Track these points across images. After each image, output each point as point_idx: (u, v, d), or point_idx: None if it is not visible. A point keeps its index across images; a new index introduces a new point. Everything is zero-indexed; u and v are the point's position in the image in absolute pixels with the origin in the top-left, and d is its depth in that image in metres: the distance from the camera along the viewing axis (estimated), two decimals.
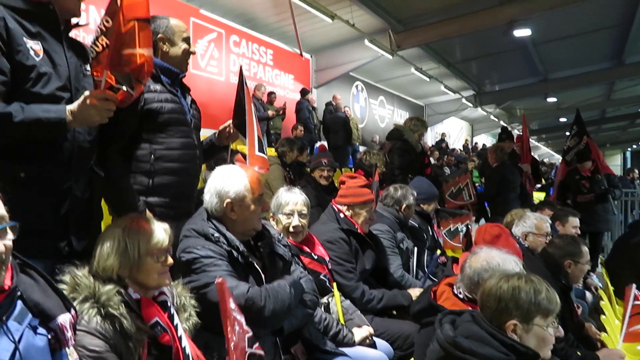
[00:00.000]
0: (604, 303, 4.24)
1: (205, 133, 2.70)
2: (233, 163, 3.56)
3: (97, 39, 1.75)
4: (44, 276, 1.29)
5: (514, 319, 1.71)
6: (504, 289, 1.75)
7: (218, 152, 2.79)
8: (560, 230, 4.29)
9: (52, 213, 1.79)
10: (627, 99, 21.21)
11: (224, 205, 2.09)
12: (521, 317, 1.71)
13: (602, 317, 3.84)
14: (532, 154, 7.26)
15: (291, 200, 2.72)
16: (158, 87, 2.23)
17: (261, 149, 2.55)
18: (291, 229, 2.70)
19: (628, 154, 47.10)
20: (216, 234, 2.04)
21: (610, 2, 10.24)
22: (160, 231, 1.69)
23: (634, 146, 46.25)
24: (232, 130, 2.63)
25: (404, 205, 3.71)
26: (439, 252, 4.10)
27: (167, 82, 2.29)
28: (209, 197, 2.15)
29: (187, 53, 2.41)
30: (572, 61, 14.86)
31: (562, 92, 18.19)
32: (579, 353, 2.68)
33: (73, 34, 1.97)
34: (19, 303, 1.20)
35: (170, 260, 1.70)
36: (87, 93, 1.67)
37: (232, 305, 1.47)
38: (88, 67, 1.94)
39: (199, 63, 8.89)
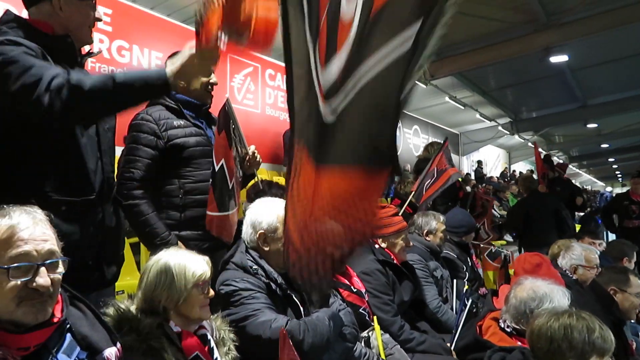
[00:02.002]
0: None
1: None
2: (276, 195, 3.61)
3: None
4: (92, 309, 1.31)
5: None
6: (555, 328, 1.66)
7: (245, 181, 2.75)
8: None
9: (91, 244, 1.80)
10: None
11: (257, 236, 2.11)
12: (576, 358, 1.63)
13: None
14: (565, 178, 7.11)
15: None
16: (182, 122, 2.28)
17: (222, 205, 2.28)
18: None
19: None
20: (254, 266, 2.05)
21: None
22: (203, 263, 1.71)
23: None
24: (251, 158, 2.57)
25: (425, 231, 3.64)
26: (466, 286, 3.95)
27: (190, 115, 2.33)
28: (245, 229, 2.17)
29: (206, 85, 2.42)
30: (612, 86, 14.49)
31: (603, 118, 17.70)
32: None
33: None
34: (68, 336, 1.22)
35: (211, 292, 1.72)
36: (190, 50, 1.54)
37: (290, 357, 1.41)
38: None
39: (236, 97, 9.11)
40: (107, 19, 6.77)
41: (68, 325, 1.22)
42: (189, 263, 1.67)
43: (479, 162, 18.00)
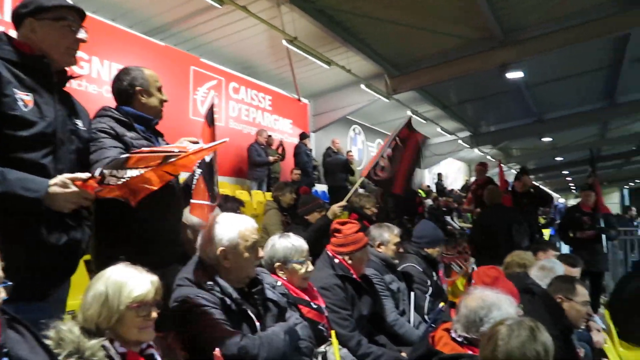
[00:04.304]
0: (607, 346, 4.16)
1: None
2: (232, 209, 3.59)
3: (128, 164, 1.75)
4: (32, 331, 1.28)
5: None
6: (513, 346, 1.72)
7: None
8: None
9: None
10: (622, 138, 21.48)
11: (218, 252, 2.10)
12: None
13: None
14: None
15: (303, 247, 2.72)
16: (133, 134, 2.26)
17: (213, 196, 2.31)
18: (306, 276, 2.70)
19: (626, 192, 47.23)
20: (209, 282, 2.04)
21: (599, 44, 10.52)
22: (146, 283, 1.64)
23: (631, 184, 46.40)
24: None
25: (378, 243, 3.65)
26: (442, 304, 4.00)
27: (141, 129, 2.31)
28: (204, 245, 2.16)
29: (162, 102, 2.44)
30: (566, 102, 15.12)
31: (557, 132, 18.41)
32: None
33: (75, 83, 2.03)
34: None
35: (154, 314, 1.65)
36: (72, 180, 1.66)
37: None
38: (77, 122, 2.01)
39: (199, 109, 9.05)
40: None
41: (5, 350, 1.19)
42: (129, 282, 1.61)
43: (439, 175, 18.38)
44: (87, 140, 2.07)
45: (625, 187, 46.77)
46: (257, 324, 2.08)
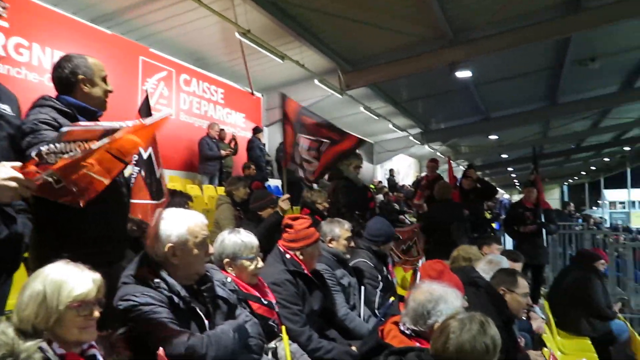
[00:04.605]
0: (546, 335, 4.36)
1: None
2: (179, 204, 3.51)
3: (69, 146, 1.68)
4: None
5: None
6: (464, 339, 1.78)
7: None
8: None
9: None
10: (562, 137, 22.57)
11: (166, 249, 2.04)
12: None
13: (544, 349, 3.95)
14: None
15: (253, 243, 2.69)
16: None
17: (153, 193, 2.24)
18: (256, 272, 2.67)
19: (565, 188, 49.79)
20: (156, 280, 1.98)
21: (543, 46, 10.99)
22: (87, 281, 1.58)
23: (570, 180, 49.01)
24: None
25: (329, 238, 3.67)
26: (392, 298, 4.06)
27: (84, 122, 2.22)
28: (150, 241, 2.10)
29: (106, 92, 2.34)
30: (511, 101, 15.71)
31: (503, 130, 19.11)
32: None
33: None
34: None
35: (95, 314, 1.59)
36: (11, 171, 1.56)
37: None
38: (4, 107, 1.90)
39: (148, 102, 8.79)
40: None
41: None
42: (69, 281, 1.55)
43: (391, 171, 18.70)
44: (18, 126, 1.96)
45: (565, 183, 49.37)
46: (206, 322, 2.05)
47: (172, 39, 8.95)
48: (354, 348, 3.01)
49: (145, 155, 2.19)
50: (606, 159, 36.17)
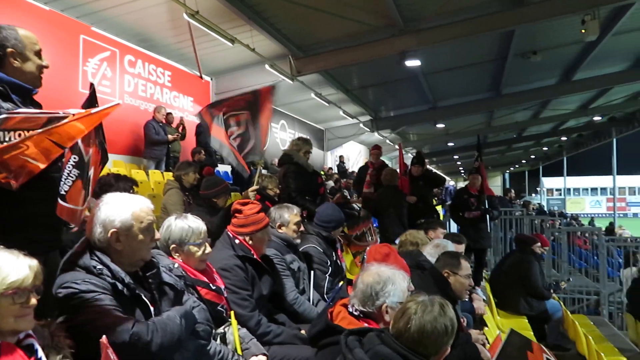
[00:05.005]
0: (487, 315, 4.56)
1: None
2: (125, 189, 3.40)
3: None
4: None
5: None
6: (426, 320, 1.85)
7: None
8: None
9: None
10: (505, 126, 23.48)
11: (109, 235, 1.97)
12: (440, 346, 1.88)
13: (485, 328, 4.13)
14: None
15: (200, 228, 2.64)
16: (9, 105, 2.04)
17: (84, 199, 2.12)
18: (204, 258, 2.62)
19: (507, 176, 52.00)
20: (99, 266, 1.91)
21: (488, 39, 11.33)
22: (23, 268, 1.51)
23: (512, 168, 51.25)
24: None
25: (278, 224, 3.67)
26: (341, 283, 4.10)
27: (18, 100, 2.08)
28: (92, 227, 2.01)
29: (40, 68, 2.20)
30: (457, 91, 16.15)
31: (449, 119, 19.63)
32: None
33: None
34: None
35: (32, 301, 1.52)
36: None
37: None
38: None
39: (90, 82, 8.41)
40: None
41: None
42: (3, 268, 1.47)
43: (341, 157, 18.86)
44: None
45: (507, 171, 51.54)
46: (152, 309, 2.00)
47: (115, 18, 8.56)
48: (303, 332, 3.03)
49: (86, 158, 2.08)
50: (545, 148, 38.01)
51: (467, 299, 4.27)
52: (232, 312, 2.67)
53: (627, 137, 26.63)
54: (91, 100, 2.27)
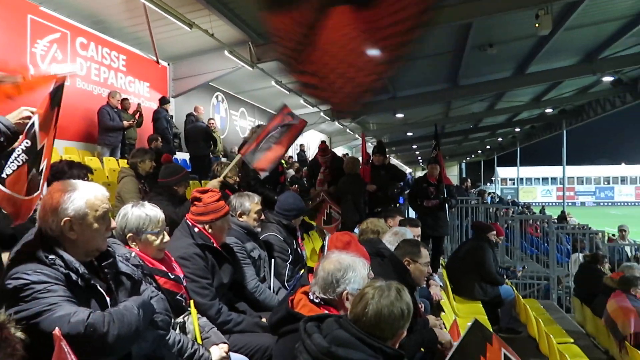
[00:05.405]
0: (444, 301, 4.69)
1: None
2: (78, 177, 3.28)
3: None
4: None
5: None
6: (383, 304, 1.89)
7: None
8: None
9: None
10: (462, 117, 24.04)
11: (62, 223, 1.89)
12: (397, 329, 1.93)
13: (442, 313, 4.25)
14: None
15: (158, 216, 2.57)
16: None
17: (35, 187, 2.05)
18: (162, 247, 2.56)
19: (463, 165, 53.41)
20: (51, 256, 1.84)
21: (447, 30, 11.52)
22: None
23: (468, 158, 52.68)
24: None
25: (239, 212, 3.65)
26: (302, 271, 4.10)
27: None
28: (44, 215, 1.93)
29: None
30: (416, 81, 16.37)
31: (408, 109, 19.92)
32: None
33: None
34: None
35: None
36: None
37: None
38: None
39: (40, 65, 8.02)
40: None
41: None
42: None
43: (302, 146, 18.82)
44: None
45: (463, 161, 52.91)
46: (108, 299, 1.94)
47: None
48: (264, 320, 3.03)
49: (39, 146, 1.97)
50: (499, 139, 39.21)
51: (424, 286, 4.38)
52: (191, 301, 2.63)
53: (576, 129, 27.86)
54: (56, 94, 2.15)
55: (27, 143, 1.91)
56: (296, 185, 7.64)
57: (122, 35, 9.97)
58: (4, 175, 1.87)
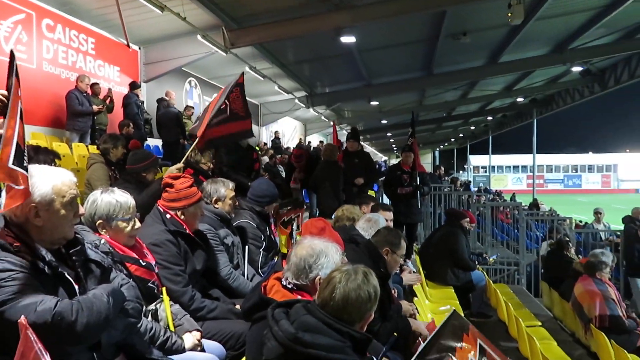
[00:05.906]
0: (417, 286, 4.75)
1: None
2: (45, 162, 3.18)
3: None
4: None
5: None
6: (350, 288, 1.89)
7: None
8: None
9: None
10: (436, 105, 24.27)
11: (27, 209, 1.83)
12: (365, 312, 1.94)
13: (415, 299, 4.31)
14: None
15: (129, 203, 2.52)
16: None
17: (20, 161, 1.80)
18: (133, 233, 2.52)
19: (437, 153, 54.07)
20: (16, 243, 1.78)
21: (421, 18, 11.56)
22: None
23: (441, 146, 53.34)
24: None
25: (214, 198, 3.61)
26: (276, 258, 4.08)
27: None
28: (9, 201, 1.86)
29: None
30: (391, 69, 16.43)
31: (383, 96, 19.98)
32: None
33: None
34: None
35: None
36: None
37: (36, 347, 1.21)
38: None
39: (3, 47, 7.73)
40: None
41: None
42: None
43: (276, 133, 18.73)
44: None
45: (437, 149, 53.56)
46: (76, 287, 1.89)
47: None
48: (237, 306, 3.02)
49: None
50: (472, 127, 39.78)
51: (397, 272, 4.42)
52: (164, 289, 2.60)
53: (546, 118, 28.48)
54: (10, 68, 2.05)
55: None
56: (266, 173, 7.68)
57: (90, 18, 9.67)
58: None
